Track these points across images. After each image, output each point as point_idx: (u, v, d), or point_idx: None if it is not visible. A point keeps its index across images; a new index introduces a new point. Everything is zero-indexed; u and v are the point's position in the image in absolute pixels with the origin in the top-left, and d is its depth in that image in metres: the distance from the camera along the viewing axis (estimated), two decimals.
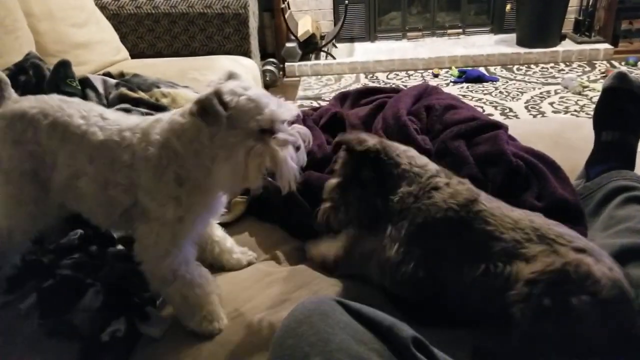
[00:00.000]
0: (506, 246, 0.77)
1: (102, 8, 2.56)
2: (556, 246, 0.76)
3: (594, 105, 3.26)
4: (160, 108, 1.48)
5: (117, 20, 2.60)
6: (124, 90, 1.54)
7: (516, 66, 4.24)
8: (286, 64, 4.36)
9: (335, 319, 0.62)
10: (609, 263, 0.75)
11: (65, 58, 1.55)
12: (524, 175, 1.04)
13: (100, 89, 1.57)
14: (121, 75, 1.78)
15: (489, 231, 0.79)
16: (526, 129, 1.44)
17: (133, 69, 1.93)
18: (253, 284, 0.96)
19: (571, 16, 4.49)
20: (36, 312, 0.93)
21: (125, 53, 2.55)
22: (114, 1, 2.60)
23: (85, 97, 1.52)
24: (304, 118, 1.38)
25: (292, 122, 0.87)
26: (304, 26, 4.36)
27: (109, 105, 1.49)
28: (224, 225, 1.13)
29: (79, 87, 1.52)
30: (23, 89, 1.59)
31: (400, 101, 1.27)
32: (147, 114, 1.42)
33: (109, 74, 1.76)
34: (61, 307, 0.91)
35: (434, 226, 0.82)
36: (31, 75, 1.65)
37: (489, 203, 0.83)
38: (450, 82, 3.97)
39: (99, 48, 2.35)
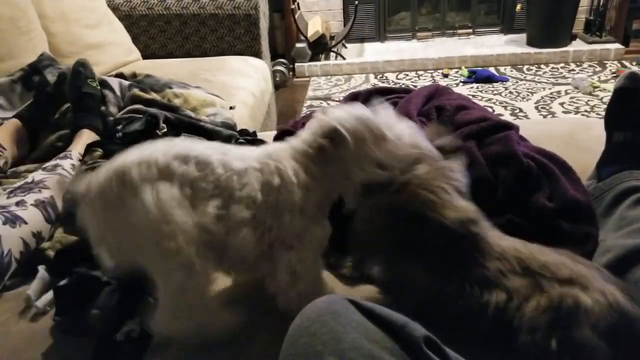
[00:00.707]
0: (488, 274, 0.76)
1: (115, 9, 2.58)
2: (540, 279, 0.74)
3: (604, 106, 3.25)
4: (173, 108, 1.49)
5: (129, 21, 2.62)
6: (136, 91, 1.56)
7: (526, 66, 4.23)
8: (296, 64, 4.38)
9: (347, 318, 0.63)
10: (599, 286, 0.72)
11: (82, 58, 1.57)
12: (535, 176, 1.04)
13: (117, 91, 1.59)
14: (134, 76, 1.80)
15: (474, 256, 0.78)
16: (536, 129, 1.44)
17: (145, 69, 1.95)
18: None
19: (582, 16, 4.47)
20: (51, 311, 0.94)
21: (137, 54, 2.58)
22: (126, 2, 2.62)
23: (103, 98, 1.54)
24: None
25: None
26: (313, 27, 4.37)
27: (124, 106, 1.50)
28: None
29: (99, 87, 1.53)
30: (37, 90, 1.62)
31: (411, 102, 1.27)
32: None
33: (121, 75, 1.78)
34: (76, 306, 0.92)
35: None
36: (45, 76, 1.67)
37: (488, 230, 0.81)
38: (460, 82, 3.97)
39: (111, 49, 2.38)
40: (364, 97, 1.46)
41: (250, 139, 1.46)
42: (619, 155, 1.11)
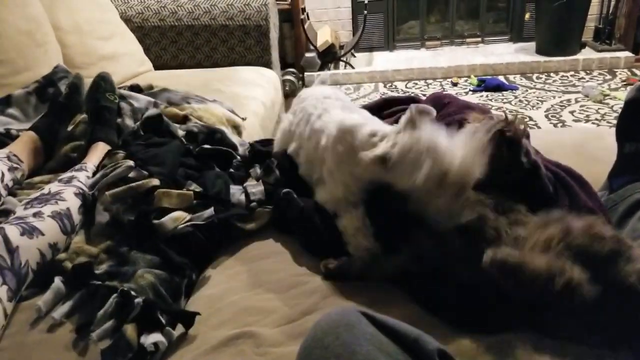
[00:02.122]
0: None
1: (127, 21, 2.62)
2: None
3: (615, 114, 3.24)
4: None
5: (142, 32, 2.65)
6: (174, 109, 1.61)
7: (536, 74, 4.22)
8: (306, 73, 4.39)
9: (360, 330, 0.63)
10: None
11: (104, 71, 1.60)
12: (553, 190, 1.03)
13: (136, 104, 1.61)
14: (150, 87, 1.82)
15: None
16: (547, 139, 1.44)
17: (157, 80, 1.97)
18: (278, 295, 0.97)
19: (591, 24, 4.46)
20: (68, 321, 0.96)
21: (149, 65, 2.60)
22: (139, 14, 2.66)
23: (120, 110, 1.56)
24: None
25: None
26: (323, 36, 4.40)
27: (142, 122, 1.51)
28: (248, 233, 1.16)
29: (117, 101, 1.56)
30: (52, 102, 1.64)
31: None
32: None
33: (137, 86, 1.80)
34: (93, 315, 0.94)
35: None
36: (59, 88, 1.70)
37: None
38: (470, 90, 3.97)
39: (124, 60, 2.41)
40: (374, 110, 1.47)
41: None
42: (631, 166, 1.11)
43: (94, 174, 1.29)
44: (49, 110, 1.59)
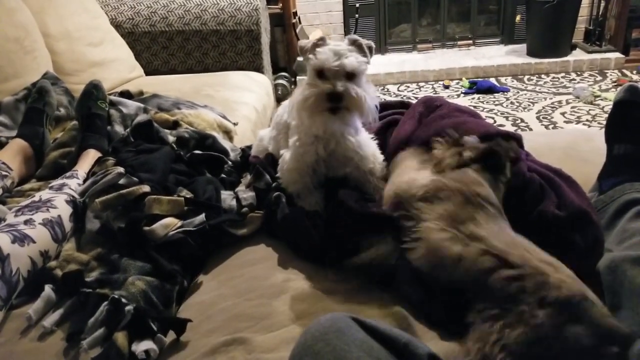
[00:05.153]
0: None
1: (117, 27, 2.61)
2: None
3: (606, 115, 3.26)
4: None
5: (132, 38, 2.65)
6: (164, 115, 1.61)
7: (527, 76, 4.24)
8: (298, 77, 4.39)
9: (351, 336, 0.63)
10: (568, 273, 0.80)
11: (96, 79, 1.59)
12: (537, 188, 1.04)
13: (125, 110, 1.60)
14: (140, 93, 1.82)
15: None
16: (538, 141, 1.45)
17: (148, 86, 1.97)
18: (269, 301, 0.97)
19: (581, 26, 4.49)
20: (59, 329, 0.95)
21: (140, 70, 2.60)
22: (129, 20, 2.65)
23: (109, 117, 1.56)
24: None
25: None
26: None
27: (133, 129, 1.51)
28: (241, 238, 1.16)
29: (107, 109, 1.55)
30: (28, 108, 1.63)
31: (403, 127, 1.26)
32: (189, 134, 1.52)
33: (127, 92, 1.79)
34: (85, 323, 0.93)
35: None
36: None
37: None
38: (461, 93, 3.98)
39: (114, 66, 2.40)
40: None
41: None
42: (620, 167, 1.12)
43: (84, 181, 1.29)
44: (28, 117, 1.57)
